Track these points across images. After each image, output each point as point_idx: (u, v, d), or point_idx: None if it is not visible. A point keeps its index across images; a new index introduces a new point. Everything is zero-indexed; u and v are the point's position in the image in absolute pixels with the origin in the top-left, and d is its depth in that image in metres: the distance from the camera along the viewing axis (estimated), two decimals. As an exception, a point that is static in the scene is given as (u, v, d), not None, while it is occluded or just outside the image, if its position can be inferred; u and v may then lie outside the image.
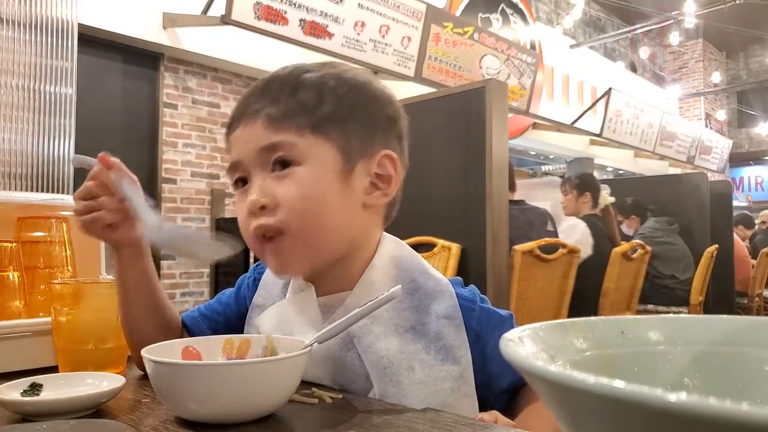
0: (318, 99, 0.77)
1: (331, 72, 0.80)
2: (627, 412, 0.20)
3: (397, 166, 0.81)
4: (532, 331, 0.33)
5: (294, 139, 0.75)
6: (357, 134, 0.78)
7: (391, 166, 0.80)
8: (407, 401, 0.72)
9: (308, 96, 0.77)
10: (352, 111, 0.79)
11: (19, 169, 3.62)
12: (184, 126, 4.97)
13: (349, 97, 0.79)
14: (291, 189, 0.74)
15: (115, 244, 0.84)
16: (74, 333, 0.84)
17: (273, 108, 0.76)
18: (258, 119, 0.77)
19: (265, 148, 0.75)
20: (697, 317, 0.36)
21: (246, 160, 0.77)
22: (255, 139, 0.76)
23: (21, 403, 0.66)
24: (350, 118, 0.78)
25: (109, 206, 0.79)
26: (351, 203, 0.78)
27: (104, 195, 0.79)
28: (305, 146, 0.75)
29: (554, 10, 9.14)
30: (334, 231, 0.77)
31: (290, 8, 4.34)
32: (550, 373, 0.24)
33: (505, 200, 2.34)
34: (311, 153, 0.75)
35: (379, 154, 0.79)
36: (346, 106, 0.78)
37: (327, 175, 0.76)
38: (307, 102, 0.77)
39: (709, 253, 4.21)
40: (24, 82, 3.65)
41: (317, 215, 0.75)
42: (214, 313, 0.96)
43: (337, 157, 0.76)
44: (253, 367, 0.64)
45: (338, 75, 0.80)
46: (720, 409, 0.18)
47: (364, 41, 4.88)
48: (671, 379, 0.33)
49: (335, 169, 0.76)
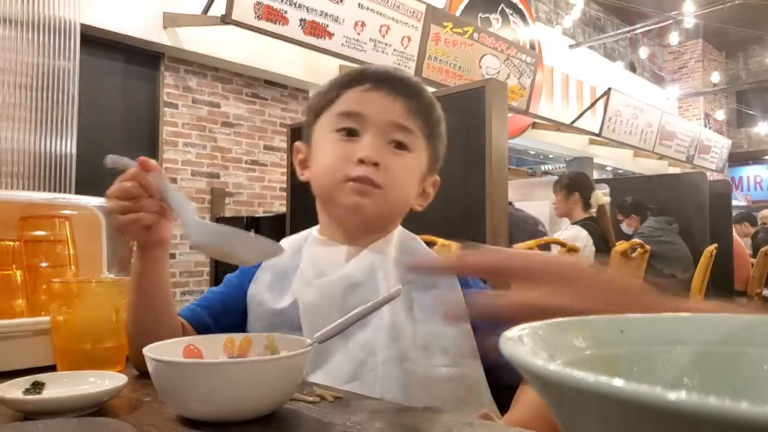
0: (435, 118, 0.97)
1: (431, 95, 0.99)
2: (626, 411, 0.21)
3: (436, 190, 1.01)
4: (532, 330, 0.33)
5: (417, 133, 0.93)
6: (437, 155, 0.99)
7: (434, 188, 1.01)
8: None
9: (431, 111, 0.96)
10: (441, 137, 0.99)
11: (21, 168, 3.62)
12: (184, 125, 4.96)
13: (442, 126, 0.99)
14: (401, 166, 0.91)
15: (147, 244, 0.84)
16: (72, 332, 0.84)
17: (413, 101, 0.93)
18: (398, 99, 0.92)
19: (398, 125, 0.91)
20: (697, 316, 0.36)
21: (372, 120, 0.91)
22: (392, 112, 0.91)
23: (23, 401, 0.66)
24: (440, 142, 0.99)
25: (149, 208, 0.80)
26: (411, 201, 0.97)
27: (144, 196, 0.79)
28: (419, 142, 0.94)
29: (554, 10, 9.13)
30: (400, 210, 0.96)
31: (290, 8, 4.34)
32: (550, 372, 0.24)
33: (504, 199, 2.34)
34: (419, 149, 0.94)
35: (434, 177, 1.00)
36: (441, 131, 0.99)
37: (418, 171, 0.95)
38: (430, 114, 0.96)
39: (709, 253, 4.21)
40: (26, 81, 3.65)
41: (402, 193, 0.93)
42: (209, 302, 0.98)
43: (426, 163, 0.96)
44: (255, 366, 0.64)
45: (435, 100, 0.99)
46: (719, 409, 0.18)
47: (364, 41, 4.88)
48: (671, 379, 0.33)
49: (423, 170, 0.96)
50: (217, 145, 5.15)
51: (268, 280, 0.97)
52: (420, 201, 0.99)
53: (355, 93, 0.93)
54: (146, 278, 0.85)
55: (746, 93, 12.76)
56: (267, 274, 0.97)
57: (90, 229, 1.12)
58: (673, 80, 11.97)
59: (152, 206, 0.80)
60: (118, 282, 0.98)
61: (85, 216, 1.13)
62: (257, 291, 0.96)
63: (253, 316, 0.96)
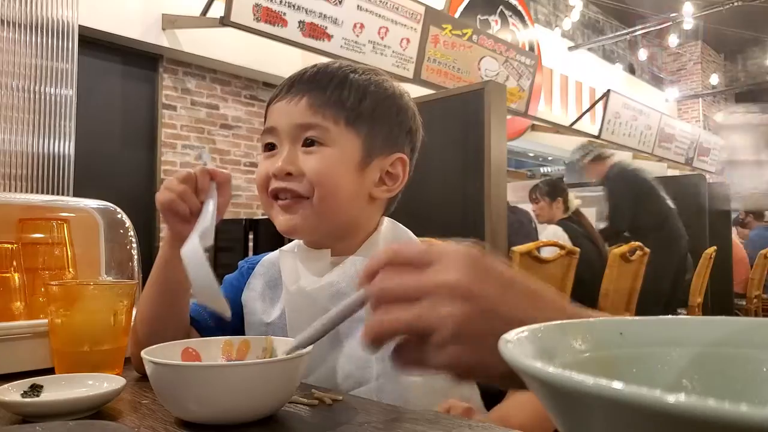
0: (358, 99, 0.89)
1: (374, 78, 0.93)
2: (626, 413, 0.21)
3: (406, 169, 0.92)
4: (531, 333, 0.33)
5: (328, 125, 0.86)
6: (381, 135, 0.90)
7: (402, 168, 0.92)
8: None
9: (350, 94, 0.89)
10: (383, 115, 0.91)
11: (19, 170, 3.62)
12: (183, 127, 4.97)
13: (383, 104, 0.91)
14: (316, 164, 0.85)
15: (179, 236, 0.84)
16: (70, 335, 0.84)
17: (318, 94, 0.88)
18: (302, 99, 0.88)
19: (302, 125, 0.87)
20: (696, 318, 0.36)
21: (281, 129, 0.88)
22: (295, 114, 0.87)
23: (21, 404, 0.66)
24: (379, 121, 0.90)
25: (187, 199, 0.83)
26: (360, 191, 0.88)
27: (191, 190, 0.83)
28: (336, 133, 0.87)
29: (553, 12, 9.14)
30: (341, 209, 0.87)
31: (289, 10, 4.34)
32: (549, 375, 0.24)
33: (503, 201, 2.34)
34: (339, 140, 0.87)
35: (394, 156, 0.91)
36: (379, 110, 0.90)
37: (347, 162, 0.87)
38: (348, 99, 0.88)
39: (708, 255, 4.21)
40: (24, 83, 3.65)
41: (332, 192, 0.85)
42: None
43: (359, 149, 0.88)
44: (252, 368, 0.64)
45: (379, 82, 0.93)
46: (719, 410, 0.18)
47: (363, 43, 4.89)
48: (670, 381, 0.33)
49: (355, 158, 0.87)
50: (216, 147, 5.15)
51: (260, 288, 0.97)
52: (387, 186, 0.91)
53: (272, 106, 0.92)
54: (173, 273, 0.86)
55: (745, 95, 12.77)
56: (259, 282, 0.98)
57: (88, 231, 1.12)
58: (672, 82, 11.98)
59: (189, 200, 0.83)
60: (116, 285, 0.98)
61: (83, 218, 1.12)
62: (249, 298, 0.97)
63: (247, 323, 0.96)
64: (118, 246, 1.14)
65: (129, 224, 1.17)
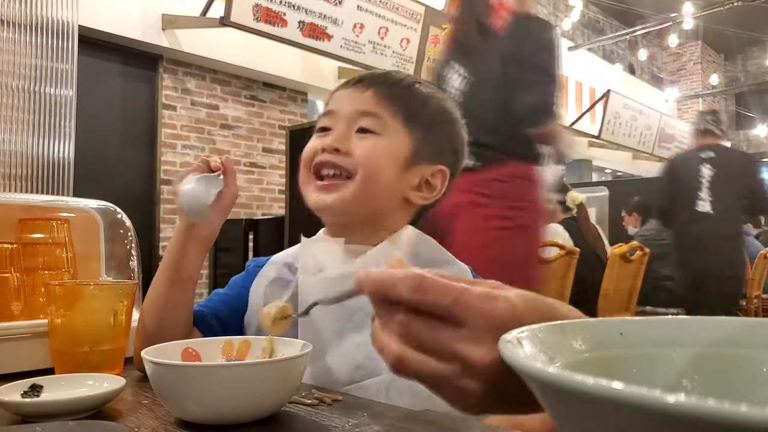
0: (420, 103, 0.94)
1: (435, 94, 0.99)
2: (626, 413, 0.21)
3: (445, 182, 0.95)
4: (531, 333, 0.33)
5: (386, 117, 0.90)
6: (431, 144, 0.93)
7: (441, 181, 0.94)
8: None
9: (414, 99, 0.94)
10: (437, 127, 0.95)
11: (19, 170, 3.62)
12: (182, 127, 4.97)
13: (441, 117, 0.97)
14: (366, 147, 0.88)
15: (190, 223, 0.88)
16: (70, 335, 0.84)
17: (385, 88, 0.92)
18: (368, 89, 0.91)
19: (362, 111, 0.90)
20: (696, 319, 0.36)
21: (340, 112, 0.91)
22: (358, 101, 0.91)
23: (21, 404, 0.66)
24: (433, 130, 0.94)
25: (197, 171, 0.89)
26: (398, 187, 0.91)
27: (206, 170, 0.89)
28: (391, 126, 0.90)
29: (553, 12, 9.14)
30: (377, 197, 0.90)
31: (289, 10, 4.34)
32: (549, 375, 0.24)
33: (504, 202, 2.33)
34: (393, 133, 0.90)
35: (437, 167, 0.94)
36: (435, 120, 0.95)
37: (395, 155, 0.90)
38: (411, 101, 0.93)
39: (708, 255, 4.20)
40: (24, 83, 3.66)
41: (374, 176, 0.88)
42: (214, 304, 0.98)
43: (409, 148, 0.91)
44: (253, 368, 0.64)
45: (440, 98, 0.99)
46: (719, 410, 0.18)
47: (363, 43, 4.89)
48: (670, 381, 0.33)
49: (403, 155, 0.90)
50: (216, 147, 5.15)
51: (273, 274, 0.97)
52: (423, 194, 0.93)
53: (336, 93, 0.96)
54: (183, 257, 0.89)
55: (745, 95, 12.77)
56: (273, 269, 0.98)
57: (88, 231, 1.12)
58: (672, 82, 11.99)
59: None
60: (116, 285, 0.98)
61: (83, 218, 1.12)
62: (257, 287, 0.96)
63: (250, 311, 0.95)
64: (118, 246, 1.14)
65: (129, 224, 1.17)
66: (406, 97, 0.93)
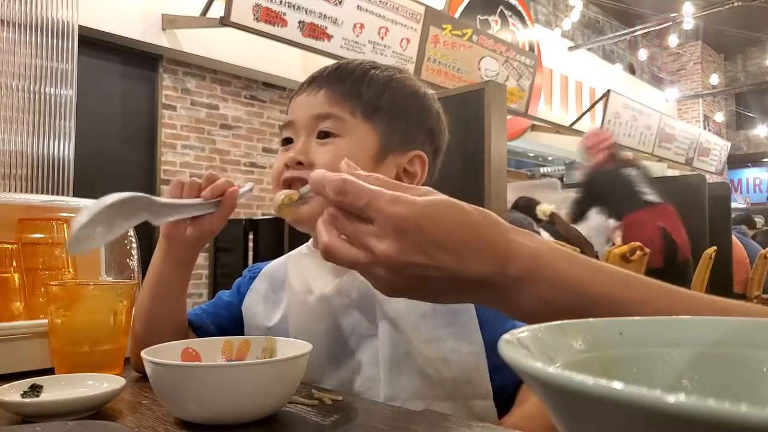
0: (377, 93, 0.89)
1: (395, 75, 0.93)
2: (626, 413, 0.21)
3: (424, 167, 0.90)
4: (531, 333, 0.33)
5: (345, 116, 0.86)
6: (399, 131, 0.89)
7: (420, 166, 0.90)
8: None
9: (369, 87, 0.89)
10: (402, 112, 0.90)
11: (19, 170, 3.62)
12: (182, 127, 4.97)
13: (403, 100, 0.91)
14: (327, 154, 0.84)
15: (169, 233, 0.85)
16: (70, 335, 0.84)
17: (337, 86, 0.88)
18: (320, 91, 0.88)
19: (318, 115, 0.87)
20: (696, 318, 0.36)
21: (298, 122, 0.89)
22: (313, 106, 0.88)
23: (21, 404, 0.66)
24: (397, 117, 0.89)
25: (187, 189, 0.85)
26: None
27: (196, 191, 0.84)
28: (351, 125, 0.86)
29: (553, 12, 9.14)
30: None
31: (289, 10, 4.34)
32: (549, 375, 0.24)
33: (503, 202, 2.34)
34: (354, 132, 0.86)
35: (412, 153, 0.90)
36: (398, 105, 0.90)
37: (361, 154, 0.85)
38: (367, 92, 0.88)
39: (708, 255, 4.21)
40: (24, 83, 3.65)
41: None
42: (216, 309, 0.98)
43: (375, 142, 0.87)
44: (253, 369, 0.64)
45: (401, 79, 0.93)
46: (719, 411, 0.18)
47: (363, 43, 4.89)
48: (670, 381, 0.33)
49: (370, 151, 0.87)
50: (216, 147, 5.15)
51: (264, 289, 0.96)
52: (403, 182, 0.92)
53: (292, 101, 0.93)
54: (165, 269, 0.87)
55: (745, 95, 12.78)
56: (263, 285, 0.97)
57: (88, 231, 1.12)
58: (672, 82, 11.99)
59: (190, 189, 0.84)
60: (115, 285, 0.98)
61: (84, 218, 1.12)
62: (252, 302, 0.96)
63: (247, 327, 0.96)
64: (118, 246, 1.14)
65: (129, 224, 1.16)
66: (360, 91, 0.88)
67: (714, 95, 12.34)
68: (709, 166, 10.42)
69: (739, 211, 7.33)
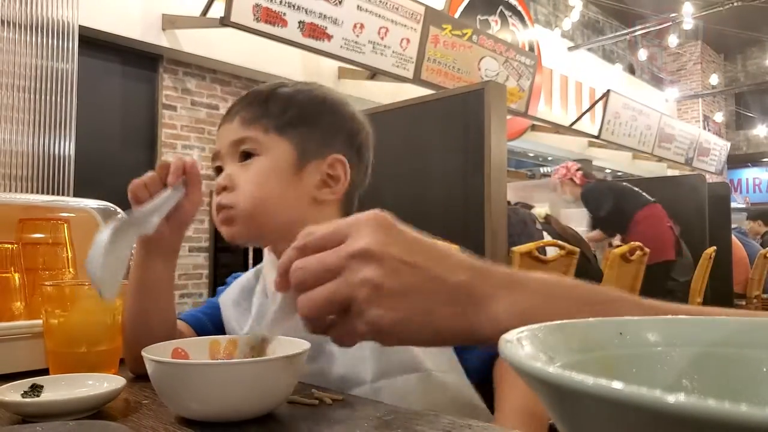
0: (284, 108, 0.93)
1: (302, 88, 0.97)
2: (626, 413, 0.21)
3: (346, 170, 0.93)
4: (531, 333, 0.33)
5: (258, 136, 0.90)
6: (314, 139, 0.93)
7: (341, 169, 0.93)
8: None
9: (276, 105, 0.93)
10: (312, 120, 0.94)
11: (19, 170, 3.62)
12: (183, 127, 4.97)
13: (311, 108, 0.95)
14: (248, 174, 0.90)
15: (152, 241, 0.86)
16: (67, 335, 0.83)
17: (248, 110, 0.93)
18: (235, 119, 0.93)
19: (236, 141, 0.91)
20: (697, 318, 0.36)
21: (222, 150, 0.93)
22: (230, 134, 0.92)
23: (21, 404, 0.66)
24: (309, 126, 0.93)
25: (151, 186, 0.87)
26: (298, 193, 0.92)
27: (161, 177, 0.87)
28: (267, 142, 0.90)
29: (552, 12, 9.14)
30: (277, 213, 0.90)
31: (289, 10, 4.34)
32: (549, 375, 0.24)
33: (503, 202, 2.34)
34: (271, 148, 0.90)
35: (330, 158, 0.93)
36: (307, 114, 0.94)
37: (280, 167, 0.90)
38: (275, 109, 0.92)
39: (708, 255, 4.21)
40: (25, 83, 3.65)
41: (262, 198, 0.89)
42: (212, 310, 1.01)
43: (292, 154, 0.91)
44: (254, 366, 0.64)
45: (308, 90, 0.97)
46: (719, 410, 0.18)
47: (363, 43, 4.89)
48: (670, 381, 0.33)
49: (288, 163, 0.91)
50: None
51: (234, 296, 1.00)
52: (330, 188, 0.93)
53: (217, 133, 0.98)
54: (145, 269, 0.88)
55: (745, 95, 12.78)
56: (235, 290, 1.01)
57: (88, 231, 1.12)
58: (672, 82, 11.99)
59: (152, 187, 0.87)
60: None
61: (84, 218, 1.13)
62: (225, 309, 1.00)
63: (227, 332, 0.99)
64: (118, 246, 1.14)
65: (129, 224, 1.16)
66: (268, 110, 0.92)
67: (714, 95, 12.35)
68: (708, 166, 10.42)
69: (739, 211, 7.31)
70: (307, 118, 0.94)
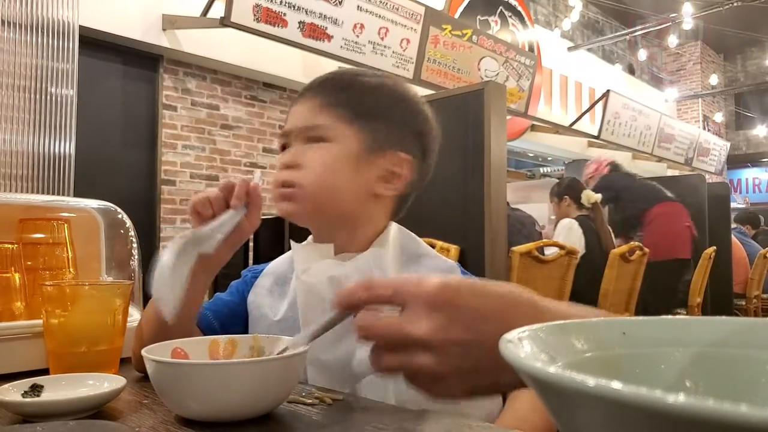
0: (361, 98, 0.94)
1: (384, 82, 0.98)
2: (627, 413, 0.21)
3: (410, 169, 0.94)
4: (532, 332, 0.33)
5: (330, 123, 0.91)
6: (383, 134, 0.93)
7: (406, 167, 0.94)
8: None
9: (355, 95, 0.94)
10: (387, 115, 0.94)
11: (20, 170, 3.62)
12: (183, 128, 4.96)
13: (388, 104, 0.95)
14: (316, 156, 0.90)
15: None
16: (68, 335, 0.83)
17: (324, 96, 0.93)
18: (310, 102, 0.94)
19: (308, 126, 0.92)
20: (698, 318, 0.36)
21: (291, 130, 0.94)
22: (304, 117, 0.93)
23: (22, 404, 0.66)
24: (384, 120, 0.94)
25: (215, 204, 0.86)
26: (359, 184, 0.92)
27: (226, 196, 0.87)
28: (338, 130, 0.91)
29: (552, 13, 9.14)
30: (335, 200, 0.91)
31: (289, 10, 4.34)
32: (550, 375, 0.24)
33: (503, 202, 2.34)
34: (341, 136, 0.91)
35: (398, 155, 0.93)
36: (383, 108, 0.95)
37: (348, 155, 0.91)
38: (353, 99, 0.93)
39: (707, 255, 4.21)
40: (25, 83, 3.65)
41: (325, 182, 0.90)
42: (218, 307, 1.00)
43: (360, 144, 0.92)
44: (255, 366, 0.64)
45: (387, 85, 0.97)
46: (719, 410, 0.18)
47: (363, 43, 4.88)
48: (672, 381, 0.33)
49: (355, 153, 0.91)
50: (216, 147, 5.15)
51: (268, 284, 0.99)
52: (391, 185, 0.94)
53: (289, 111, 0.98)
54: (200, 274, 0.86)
55: (744, 95, 12.78)
56: (268, 279, 1.00)
57: (88, 231, 1.12)
58: (672, 82, 11.98)
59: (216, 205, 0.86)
60: (110, 285, 0.98)
61: (84, 218, 1.13)
62: (256, 297, 0.99)
63: (253, 323, 0.97)
64: (118, 246, 1.14)
65: (129, 224, 1.17)
66: (346, 98, 0.93)
67: (713, 95, 12.34)
68: (708, 166, 10.41)
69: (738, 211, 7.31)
70: (383, 112, 0.94)
